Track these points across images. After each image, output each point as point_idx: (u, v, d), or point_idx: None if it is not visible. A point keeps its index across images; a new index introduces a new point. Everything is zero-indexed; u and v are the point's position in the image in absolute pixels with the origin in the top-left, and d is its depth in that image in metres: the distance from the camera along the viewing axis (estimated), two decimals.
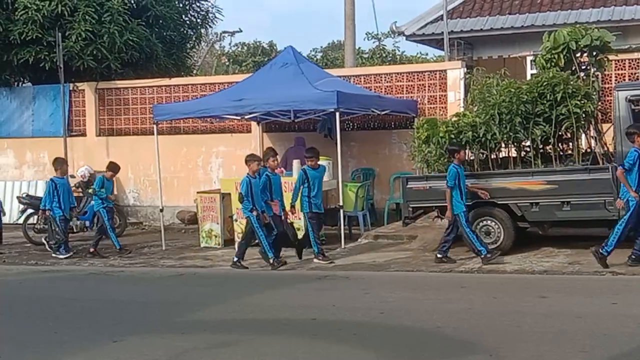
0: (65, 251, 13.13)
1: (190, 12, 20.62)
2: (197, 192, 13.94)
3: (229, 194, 13.41)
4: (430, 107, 15.21)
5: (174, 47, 19.80)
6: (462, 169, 11.15)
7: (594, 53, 11.84)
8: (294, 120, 15.20)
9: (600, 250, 10.04)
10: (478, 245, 10.85)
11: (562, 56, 11.63)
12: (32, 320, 8.53)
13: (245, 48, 41.64)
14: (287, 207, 11.90)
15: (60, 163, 13.72)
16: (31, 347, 7.38)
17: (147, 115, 17.07)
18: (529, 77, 13.77)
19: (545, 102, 11.22)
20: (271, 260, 11.27)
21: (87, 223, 14.73)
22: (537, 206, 11.17)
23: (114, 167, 13.66)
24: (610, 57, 12.38)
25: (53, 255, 13.15)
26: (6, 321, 8.67)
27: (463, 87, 14.69)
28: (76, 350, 7.17)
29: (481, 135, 11.49)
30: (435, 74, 15.39)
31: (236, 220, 13.24)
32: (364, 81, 15.80)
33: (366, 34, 40.75)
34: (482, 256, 10.77)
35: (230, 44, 41.26)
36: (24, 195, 15.31)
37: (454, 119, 12.02)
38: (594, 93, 11.62)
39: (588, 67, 11.90)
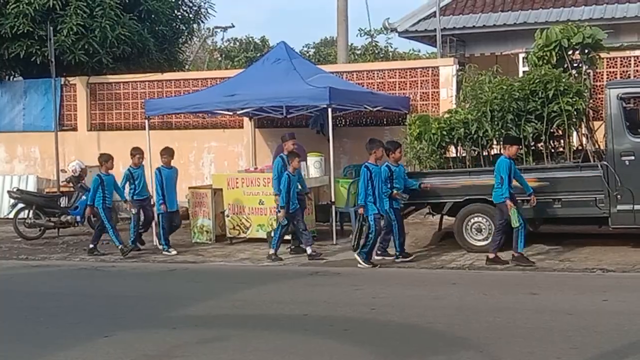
0: None
1: (183, 7, 20.59)
2: (189, 188, 13.88)
3: (221, 189, 13.39)
4: (423, 104, 15.21)
5: (166, 42, 19.76)
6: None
7: (586, 51, 11.86)
8: (286, 116, 15.17)
9: None
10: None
11: (554, 54, 11.65)
12: (23, 316, 8.49)
13: (238, 43, 41.54)
14: None
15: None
16: (22, 342, 7.36)
17: (139, 110, 17.02)
18: (521, 75, 13.78)
19: (537, 99, 11.26)
20: None
21: (78, 218, 14.63)
22: (528, 203, 11.19)
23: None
24: (602, 54, 12.43)
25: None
26: None
27: (455, 84, 14.69)
28: (67, 345, 7.15)
29: (473, 132, 11.52)
30: (428, 70, 15.41)
31: (227, 216, 13.24)
32: (357, 77, 15.80)
33: (359, 30, 40.86)
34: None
35: (222, 39, 41.25)
36: (14, 190, 15.24)
37: (446, 115, 12.05)
38: (586, 91, 11.66)
39: (580, 65, 11.93)
